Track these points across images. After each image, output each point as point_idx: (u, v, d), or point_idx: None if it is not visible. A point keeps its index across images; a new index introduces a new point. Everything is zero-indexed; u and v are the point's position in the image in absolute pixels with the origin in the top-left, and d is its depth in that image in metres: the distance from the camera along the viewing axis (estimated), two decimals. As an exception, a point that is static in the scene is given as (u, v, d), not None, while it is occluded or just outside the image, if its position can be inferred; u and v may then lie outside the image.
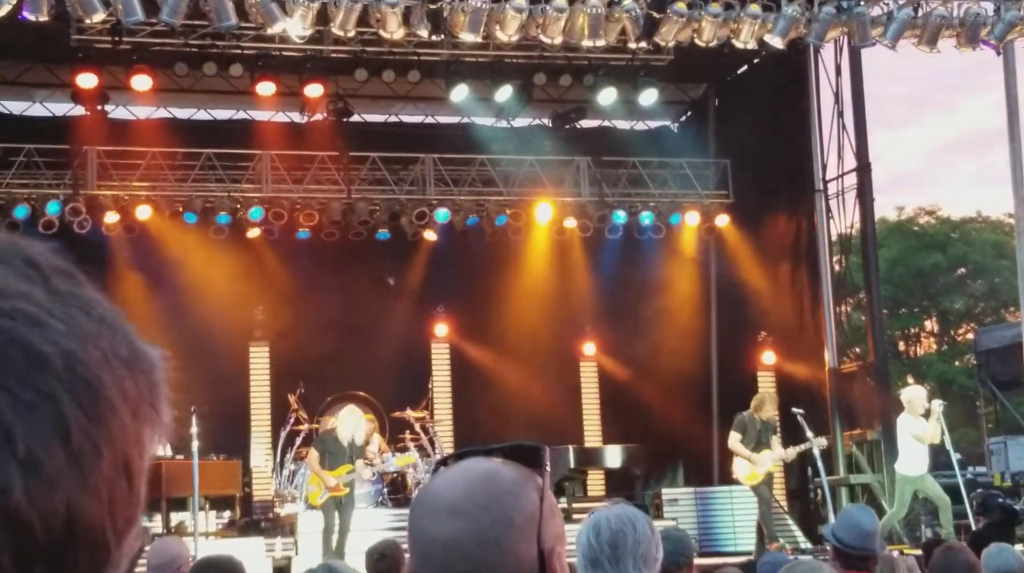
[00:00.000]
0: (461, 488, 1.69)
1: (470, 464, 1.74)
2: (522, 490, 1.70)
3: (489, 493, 1.68)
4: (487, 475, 1.70)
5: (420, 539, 1.69)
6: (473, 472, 1.71)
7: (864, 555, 5.49)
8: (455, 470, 1.73)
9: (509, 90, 17.97)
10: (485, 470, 1.72)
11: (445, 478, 1.73)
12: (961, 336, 38.68)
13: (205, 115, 19.82)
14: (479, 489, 1.68)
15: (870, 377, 17.79)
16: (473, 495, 1.68)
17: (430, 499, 1.71)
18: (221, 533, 15.19)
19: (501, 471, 1.71)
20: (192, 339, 17.44)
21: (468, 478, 1.70)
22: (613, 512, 3.24)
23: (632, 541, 3.15)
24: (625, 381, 19.36)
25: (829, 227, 18.75)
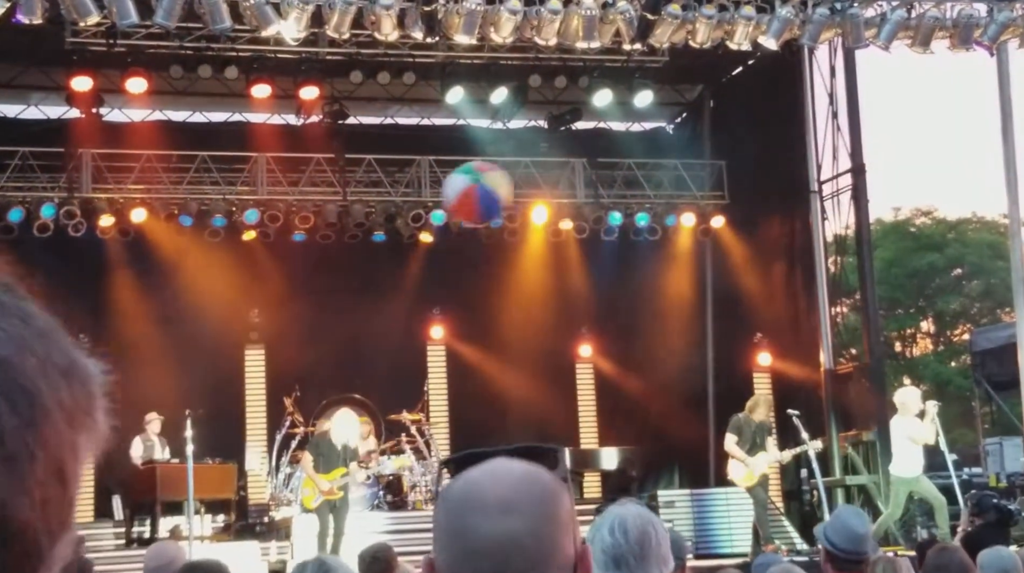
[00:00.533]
0: (509, 486, 1.68)
1: (502, 464, 1.73)
2: (562, 490, 1.71)
3: (538, 491, 1.68)
4: (531, 474, 1.70)
5: (468, 536, 1.66)
6: (514, 470, 1.71)
7: (857, 559, 5.49)
8: (492, 468, 1.72)
9: (504, 92, 17.97)
10: (527, 470, 1.72)
11: (483, 475, 1.71)
12: (957, 337, 38.70)
13: (200, 117, 19.81)
14: (528, 487, 1.68)
15: (866, 378, 17.81)
16: (524, 493, 1.67)
17: (475, 496, 1.68)
18: (216, 537, 15.18)
19: (540, 471, 1.72)
20: (187, 342, 17.48)
21: (513, 477, 1.70)
22: (633, 511, 3.26)
23: (655, 542, 3.19)
24: (621, 383, 19.36)
25: (824, 228, 18.78)
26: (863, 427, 17.38)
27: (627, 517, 3.22)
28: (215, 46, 16.74)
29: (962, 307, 39.65)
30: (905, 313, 40.11)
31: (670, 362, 19.56)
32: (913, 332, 41.13)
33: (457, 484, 1.73)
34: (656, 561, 3.18)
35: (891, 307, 37.90)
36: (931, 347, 40.69)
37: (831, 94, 18.46)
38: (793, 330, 19.03)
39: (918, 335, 41.29)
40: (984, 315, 38.24)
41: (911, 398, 14.29)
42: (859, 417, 17.60)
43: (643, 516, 3.25)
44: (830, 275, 18.75)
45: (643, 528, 3.19)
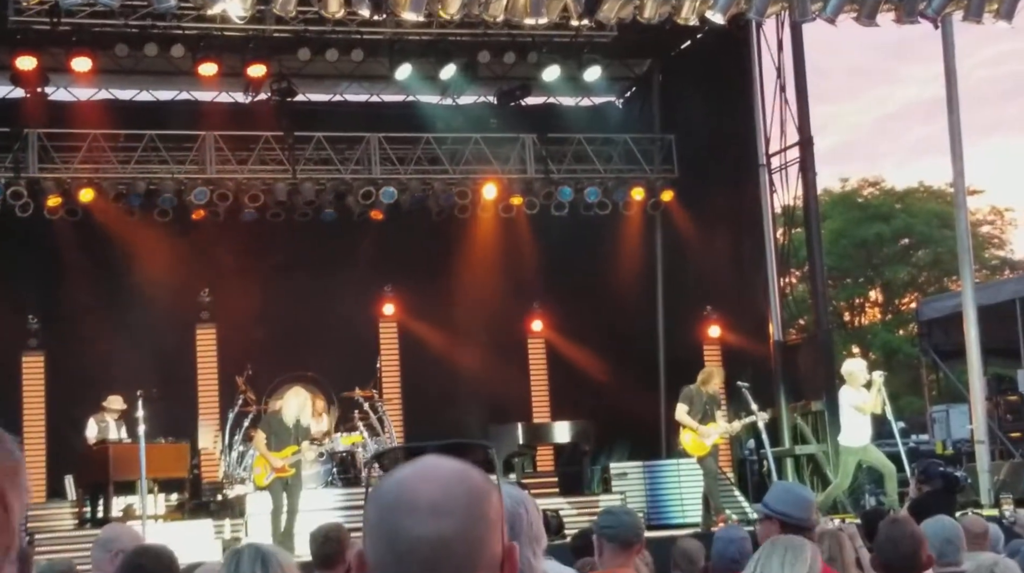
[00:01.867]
0: (439, 486, 1.69)
1: (435, 461, 1.74)
2: (492, 489, 1.73)
3: (467, 492, 1.70)
4: (461, 474, 1.72)
5: (398, 538, 1.67)
6: (445, 470, 1.72)
7: (809, 525, 5.61)
8: (423, 467, 1.73)
9: (453, 68, 17.96)
10: (457, 469, 1.73)
11: (414, 475, 1.71)
12: (905, 306, 39.12)
13: (147, 96, 19.66)
14: (458, 488, 1.69)
15: (814, 348, 18.01)
16: (454, 494, 1.68)
17: (405, 497, 1.69)
18: (169, 516, 15.16)
19: (470, 470, 1.73)
20: (138, 322, 17.42)
21: (442, 476, 1.70)
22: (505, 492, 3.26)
23: (526, 523, 3.17)
24: (573, 357, 19.47)
25: (773, 200, 18.93)
26: (812, 397, 17.59)
27: None
28: (161, 24, 16.63)
29: (910, 276, 40.07)
30: (854, 283, 40.49)
31: (621, 335, 19.70)
32: (862, 302, 41.54)
33: (388, 483, 1.73)
34: (528, 541, 3.16)
35: (840, 277, 38.27)
36: (879, 316, 41.12)
37: (778, 68, 18.60)
38: (742, 302, 19.20)
39: (866, 305, 41.71)
40: (932, 284, 38.68)
41: (857, 369, 14.48)
42: (808, 387, 17.80)
43: (514, 497, 3.22)
44: (779, 247, 18.92)
45: (514, 510, 3.15)
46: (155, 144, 17.86)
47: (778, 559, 4.63)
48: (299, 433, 13.48)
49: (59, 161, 17.49)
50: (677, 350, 19.60)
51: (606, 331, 19.58)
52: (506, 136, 19.42)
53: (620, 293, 19.70)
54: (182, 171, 17.91)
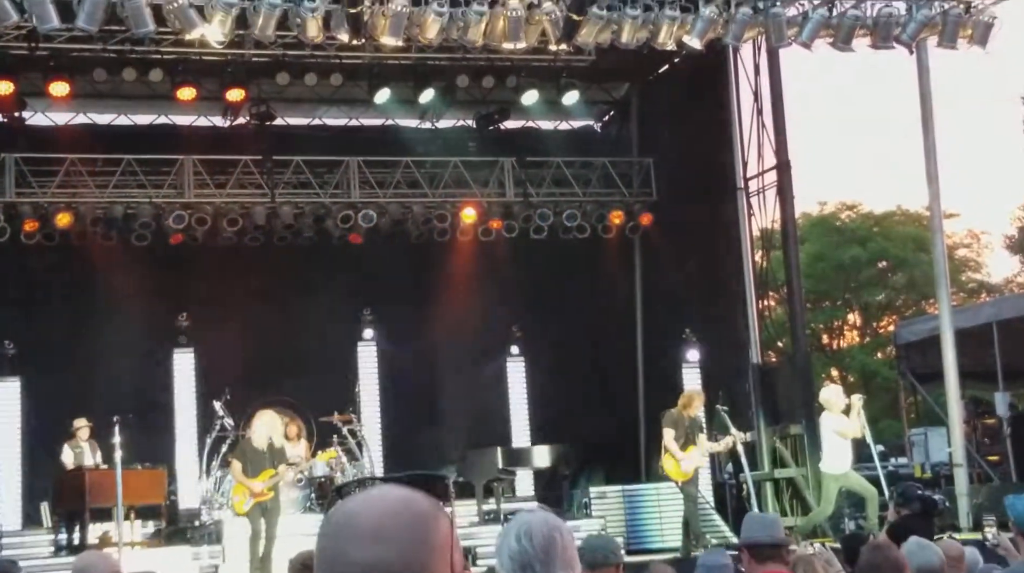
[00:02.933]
0: (381, 513, 1.71)
1: (383, 489, 1.77)
2: (438, 515, 1.74)
3: (410, 518, 1.71)
4: (405, 501, 1.73)
5: (340, 563, 1.69)
6: (389, 497, 1.74)
7: (775, 543, 5.64)
8: (370, 495, 1.75)
9: (432, 92, 18.00)
10: (401, 496, 1.75)
11: (360, 502, 1.74)
12: (883, 328, 39.25)
13: (125, 120, 19.59)
14: (400, 514, 1.71)
15: (793, 371, 18.03)
16: (395, 520, 1.70)
17: (349, 523, 1.71)
18: (147, 543, 15.06)
19: (416, 497, 1.75)
20: (115, 347, 17.33)
21: (386, 503, 1.72)
22: (540, 517, 3.30)
23: (560, 546, 3.22)
24: (552, 381, 19.46)
25: (751, 224, 18.98)
26: (791, 420, 17.59)
27: (533, 523, 3.26)
28: (139, 49, 16.61)
29: (887, 299, 40.24)
30: (832, 306, 40.63)
31: (600, 359, 19.71)
32: (840, 325, 41.66)
33: (336, 512, 1.76)
34: (562, 565, 3.21)
35: (818, 300, 38.37)
36: (858, 339, 41.25)
37: (756, 92, 18.68)
38: (721, 325, 19.22)
39: (845, 327, 41.85)
40: (909, 307, 38.84)
41: (834, 395, 14.51)
42: (787, 410, 17.82)
43: (549, 522, 3.28)
44: (757, 270, 18.97)
45: (549, 534, 3.22)
46: (133, 168, 17.82)
47: None
48: (274, 456, 13.44)
49: (36, 186, 17.42)
50: (656, 373, 19.61)
51: (585, 354, 19.59)
52: (485, 160, 19.45)
53: (599, 316, 19.72)
54: (160, 195, 17.86)
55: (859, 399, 14.41)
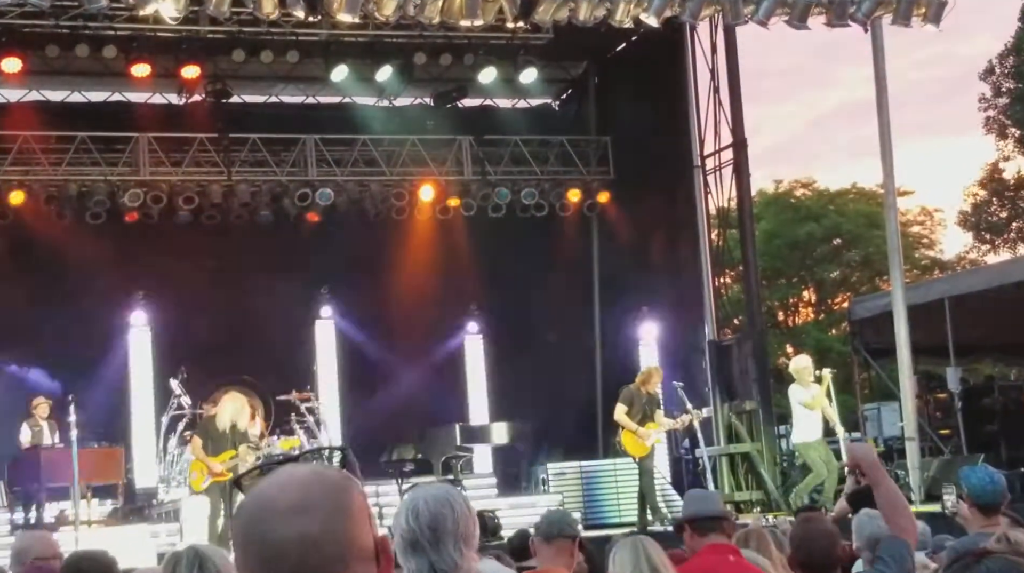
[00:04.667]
0: (295, 489, 1.74)
1: (288, 470, 1.80)
2: (351, 485, 1.77)
3: (324, 490, 1.74)
4: (315, 475, 1.77)
5: (263, 543, 1.71)
6: (300, 474, 1.77)
7: (715, 515, 5.74)
8: (278, 477, 1.78)
9: (389, 70, 17.95)
10: (311, 471, 1.78)
11: (273, 484, 1.77)
12: (838, 305, 39.57)
13: (79, 97, 19.41)
14: (314, 488, 1.74)
15: (748, 348, 18.16)
16: (310, 493, 1.73)
17: (266, 504, 1.74)
18: (104, 522, 15.00)
19: (325, 470, 1.79)
20: (70, 326, 17.19)
21: (298, 480, 1.76)
22: (430, 493, 3.22)
23: (452, 522, 3.14)
24: (510, 357, 19.51)
25: (707, 202, 19.08)
26: (746, 396, 17.75)
27: (419, 500, 3.18)
28: (92, 24, 16.46)
29: (842, 276, 40.57)
30: (787, 283, 40.91)
31: (558, 336, 19.77)
32: (795, 301, 41.98)
33: (248, 498, 1.79)
34: (455, 541, 3.13)
35: (774, 277, 38.63)
36: (812, 316, 41.58)
37: (712, 70, 18.75)
38: (678, 302, 19.34)
39: (800, 304, 42.16)
40: (863, 283, 39.16)
41: (804, 366, 14.77)
42: (742, 387, 17.96)
43: (439, 497, 3.19)
44: (713, 247, 19.08)
45: (437, 511, 3.14)
46: (87, 146, 17.66)
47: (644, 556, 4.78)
48: (236, 437, 13.41)
49: (-11, 163, 17.24)
50: (613, 350, 19.72)
51: (543, 332, 19.65)
52: (443, 138, 19.43)
53: (557, 294, 19.77)
54: (115, 173, 17.72)
55: (828, 373, 14.66)
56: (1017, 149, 36.63)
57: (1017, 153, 36.80)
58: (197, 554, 3.65)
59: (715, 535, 5.68)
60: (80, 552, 4.92)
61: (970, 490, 6.57)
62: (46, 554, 5.20)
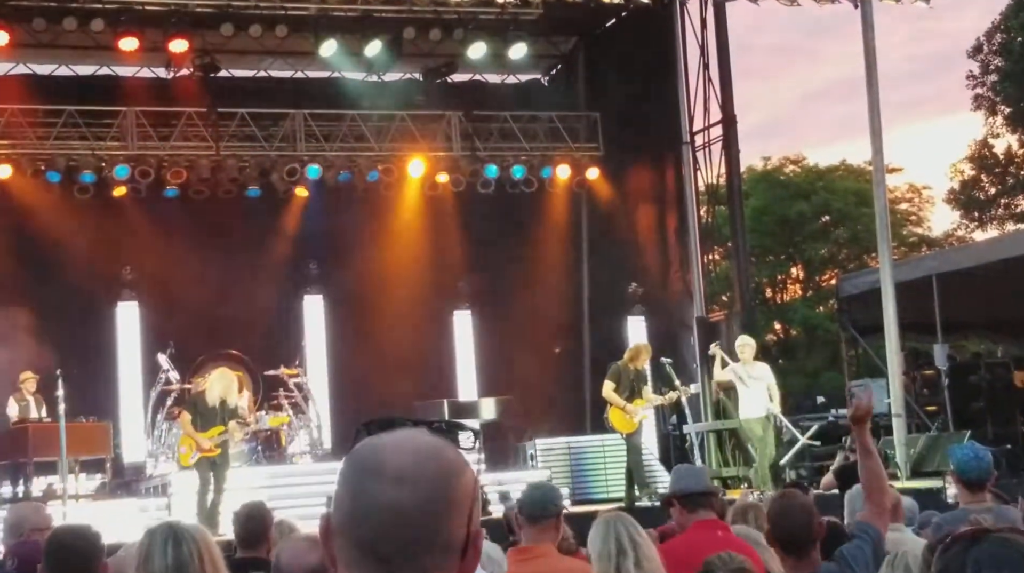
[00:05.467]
0: (409, 458, 1.69)
1: (414, 433, 1.75)
2: (465, 470, 1.73)
3: (437, 467, 1.69)
4: (435, 449, 1.72)
5: (360, 500, 1.69)
6: (420, 443, 1.72)
7: (704, 491, 5.77)
8: (400, 437, 1.74)
9: (379, 44, 17.88)
10: (432, 444, 1.73)
11: (390, 443, 1.72)
12: (826, 282, 39.63)
13: (67, 71, 19.33)
14: (428, 462, 1.69)
15: (737, 324, 18.19)
16: (422, 466, 1.69)
17: (375, 462, 1.70)
18: (92, 496, 15.01)
19: (447, 447, 1.74)
20: (58, 300, 17.16)
21: (416, 449, 1.71)
22: None
23: None
24: (498, 333, 19.53)
25: (696, 178, 19.09)
26: (734, 373, 17.77)
27: None
28: (80, -3, 16.34)
29: (830, 253, 40.61)
30: (776, 260, 40.95)
31: (547, 312, 19.78)
32: (783, 278, 42.04)
33: (364, 447, 1.75)
34: None
35: (762, 254, 38.66)
36: (800, 293, 41.65)
37: (702, 46, 18.73)
38: (666, 279, 19.38)
39: (788, 281, 42.23)
40: (851, 261, 39.22)
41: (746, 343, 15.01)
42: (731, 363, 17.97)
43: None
44: (702, 224, 19.10)
45: None
46: (75, 120, 17.59)
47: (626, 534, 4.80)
48: (225, 413, 13.42)
49: (-25, 137, 17.16)
50: (602, 327, 19.74)
51: (531, 308, 19.66)
52: (432, 113, 19.38)
53: (546, 270, 19.78)
54: (103, 147, 17.65)
55: (715, 346, 15.22)
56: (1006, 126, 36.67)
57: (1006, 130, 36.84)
58: (171, 530, 3.61)
59: (704, 511, 5.71)
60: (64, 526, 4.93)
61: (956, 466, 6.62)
62: (41, 525, 5.23)
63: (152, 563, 3.58)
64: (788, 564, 4.93)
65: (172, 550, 3.57)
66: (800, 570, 4.89)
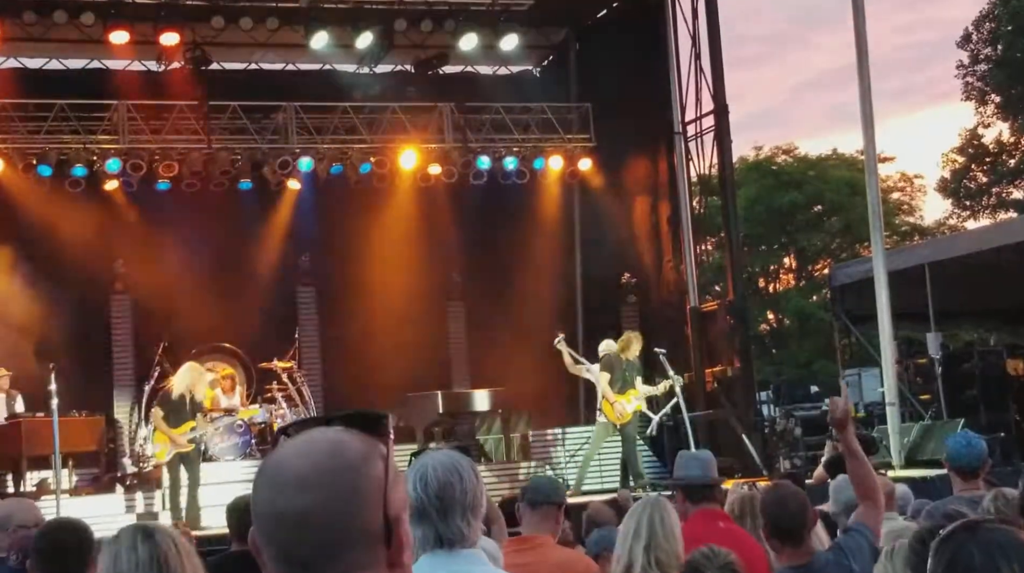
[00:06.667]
0: (308, 461, 1.69)
1: (315, 435, 1.74)
2: (368, 459, 1.71)
3: (336, 465, 1.69)
4: (333, 446, 1.71)
5: (268, 513, 1.69)
6: (319, 444, 1.72)
7: (708, 483, 5.77)
8: (300, 442, 1.73)
9: (370, 36, 17.86)
10: (331, 441, 1.72)
11: (290, 450, 1.73)
12: (818, 272, 39.70)
13: (57, 64, 19.27)
14: (326, 461, 1.69)
15: (730, 314, 18.22)
16: (320, 467, 1.68)
17: (278, 472, 1.71)
18: (85, 490, 15.01)
19: (346, 441, 1.72)
20: (50, 295, 17.11)
21: (314, 450, 1.71)
22: (439, 460, 3.14)
23: (460, 491, 3.08)
24: (491, 324, 19.51)
25: (689, 169, 19.08)
26: (727, 363, 17.82)
27: (428, 468, 3.09)
28: (70, -9, 16.30)
29: (823, 243, 40.66)
30: (768, 250, 41.00)
31: (540, 303, 19.75)
32: (776, 268, 42.10)
33: (267, 459, 1.76)
34: (462, 511, 3.07)
35: (755, 244, 38.70)
36: (793, 282, 41.70)
37: (693, 36, 18.69)
38: (659, 269, 19.38)
39: (781, 271, 42.28)
40: (844, 250, 39.29)
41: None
42: (723, 353, 18.03)
43: (447, 465, 3.11)
44: (695, 214, 19.09)
45: (445, 479, 3.08)
46: (66, 114, 17.52)
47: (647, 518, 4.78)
48: (193, 408, 13.53)
49: (-34, 131, 17.10)
50: (595, 317, 19.74)
51: (524, 299, 19.63)
52: (424, 105, 19.33)
53: (538, 260, 19.75)
54: (94, 141, 17.60)
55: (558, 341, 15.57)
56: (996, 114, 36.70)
57: (997, 119, 36.87)
58: (140, 527, 3.56)
59: (707, 503, 5.70)
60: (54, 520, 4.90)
61: (948, 454, 6.63)
62: (28, 521, 5.19)
63: (120, 564, 3.52)
64: (784, 554, 4.94)
65: (143, 545, 3.51)
66: (796, 559, 4.90)
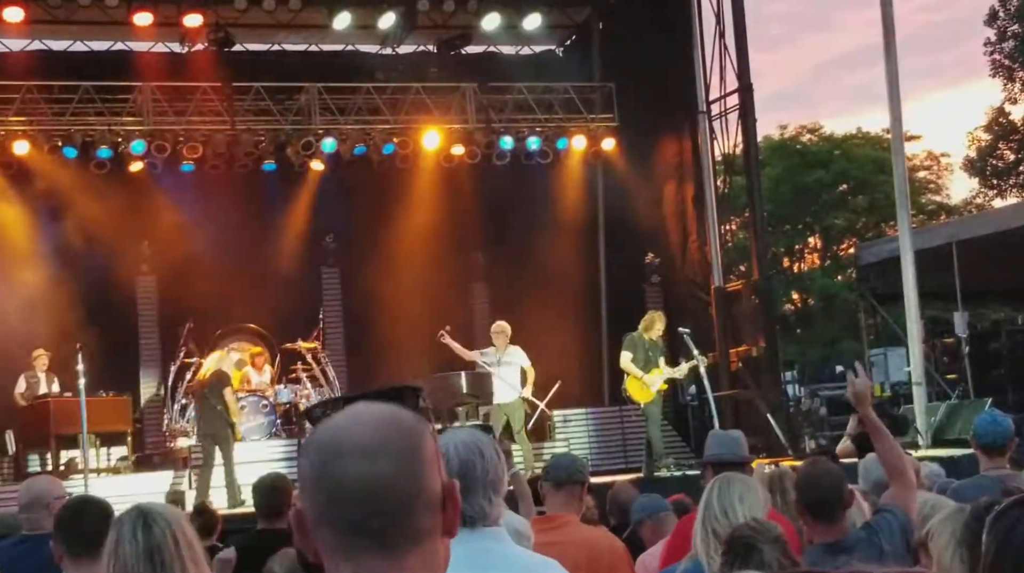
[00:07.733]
0: (370, 430, 1.70)
1: (363, 408, 1.75)
2: (424, 429, 1.74)
3: (399, 432, 1.71)
4: (391, 416, 1.73)
5: (333, 483, 1.68)
6: (375, 413, 1.73)
7: (738, 461, 5.77)
8: (351, 414, 1.74)
9: (392, 16, 17.83)
10: (386, 411, 1.74)
11: (346, 421, 1.73)
12: (844, 251, 39.55)
13: (82, 46, 19.34)
14: (389, 429, 1.71)
15: (755, 294, 18.18)
16: (384, 435, 1.70)
17: (337, 443, 1.70)
18: (112, 469, 15.13)
19: (398, 411, 1.75)
20: (77, 276, 17.22)
21: (374, 420, 1.72)
22: (460, 438, 3.13)
23: (481, 469, 3.07)
24: (515, 306, 19.49)
25: (713, 148, 19.01)
26: (752, 342, 17.79)
27: (449, 446, 3.06)
28: (94, -27, 16.33)
29: (848, 222, 40.47)
30: (793, 229, 40.86)
31: (564, 283, 19.74)
32: (801, 248, 41.94)
33: (319, 433, 1.74)
34: (484, 489, 3.06)
35: (779, 223, 38.59)
36: (818, 262, 41.55)
37: (718, 14, 18.60)
38: (684, 249, 19.34)
39: (806, 250, 42.12)
40: (869, 229, 39.11)
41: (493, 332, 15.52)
42: (748, 333, 18.00)
43: (468, 444, 3.09)
44: (719, 194, 19.03)
45: (466, 457, 3.06)
46: (91, 95, 17.57)
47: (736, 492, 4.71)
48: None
49: (-8, 113, 17.18)
50: (619, 297, 19.72)
51: (548, 279, 19.62)
52: (447, 85, 19.30)
53: (562, 241, 19.72)
54: (119, 123, 17.66)
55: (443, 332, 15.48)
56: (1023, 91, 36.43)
57: (1024, 96, 36.59)
58: (141, 513, 3.55)
59: None
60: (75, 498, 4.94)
61: (975, 432, 6.62)
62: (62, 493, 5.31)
63: (122, 549, 3.50)
64: (818, 530, 4.93)
65: (142, 534, 3.49)
66: (828, 536, 4.89)
